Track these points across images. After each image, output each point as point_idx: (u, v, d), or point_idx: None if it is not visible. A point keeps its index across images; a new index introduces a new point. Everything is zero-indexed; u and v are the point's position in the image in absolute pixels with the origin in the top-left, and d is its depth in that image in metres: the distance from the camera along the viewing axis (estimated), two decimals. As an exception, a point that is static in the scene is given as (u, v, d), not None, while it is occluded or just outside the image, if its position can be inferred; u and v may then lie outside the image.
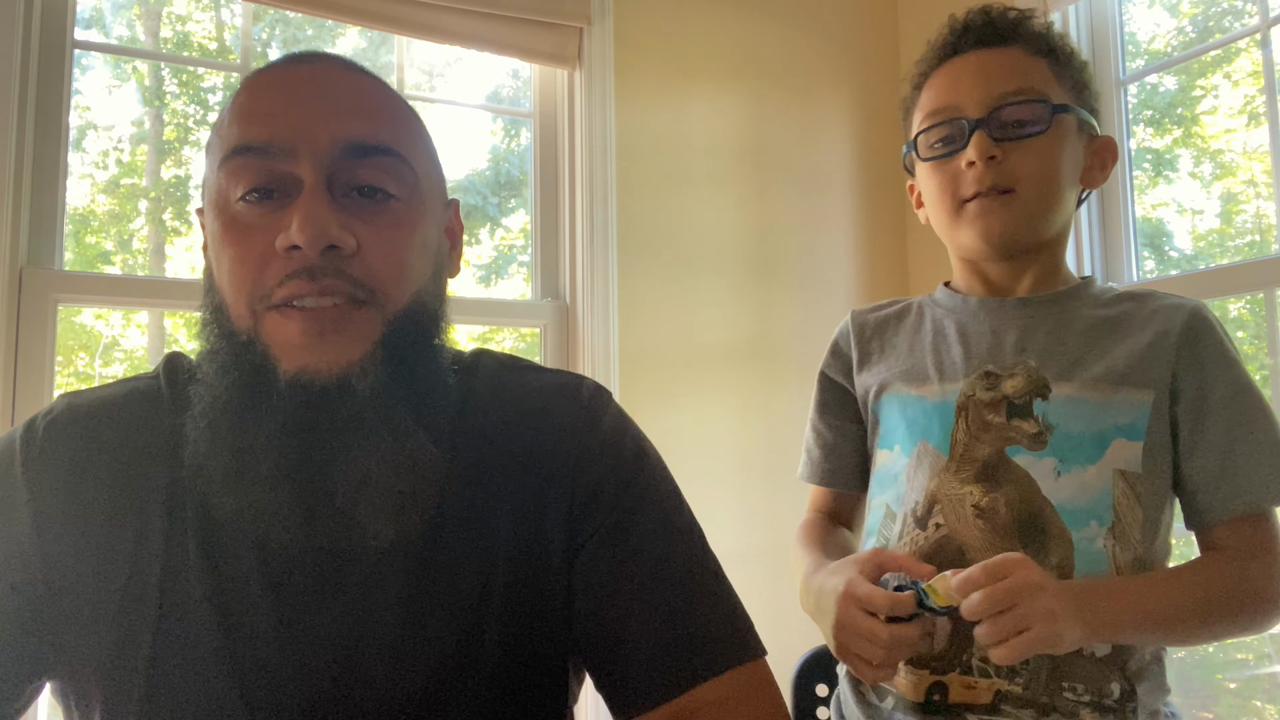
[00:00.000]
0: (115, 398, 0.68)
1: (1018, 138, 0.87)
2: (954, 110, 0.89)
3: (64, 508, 0.63)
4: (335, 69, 0.65)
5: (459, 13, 1.86)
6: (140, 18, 1.90)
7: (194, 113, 2.09)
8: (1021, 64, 0.89)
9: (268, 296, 0.60)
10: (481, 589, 0.66)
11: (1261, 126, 1.72)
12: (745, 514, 2.04)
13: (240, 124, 0.62)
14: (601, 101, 1.96)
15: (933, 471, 0.88)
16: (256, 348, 0.60)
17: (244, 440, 0.60)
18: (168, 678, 0.61)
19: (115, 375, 2.13)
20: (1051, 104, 0.87)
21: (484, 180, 2.18)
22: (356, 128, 0.62)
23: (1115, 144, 0.95)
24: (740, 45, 2.17)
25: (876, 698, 0.92)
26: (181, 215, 2.03)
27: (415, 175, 0.65)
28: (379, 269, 0.62)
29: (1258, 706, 1.78)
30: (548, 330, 1.98)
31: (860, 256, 2.26)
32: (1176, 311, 0.87)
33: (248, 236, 0.61)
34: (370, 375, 0.61)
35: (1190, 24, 1.90)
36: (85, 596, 0.62)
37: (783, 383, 2.11)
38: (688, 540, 0.72)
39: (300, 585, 0.63)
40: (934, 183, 0.92)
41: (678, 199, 2.06)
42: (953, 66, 0.92)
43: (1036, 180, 0.87)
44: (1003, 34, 0.91)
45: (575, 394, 0.74)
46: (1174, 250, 1.93)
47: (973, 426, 0.85)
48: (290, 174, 0.61)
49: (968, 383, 0.88)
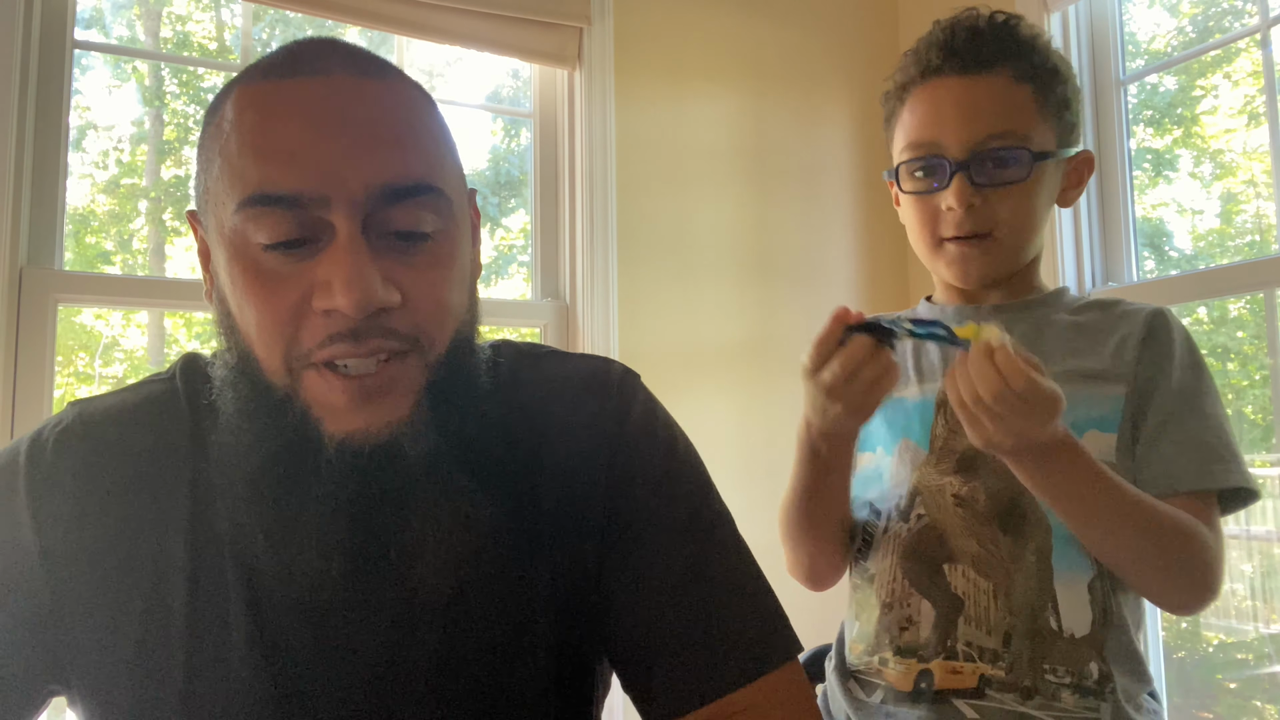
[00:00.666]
0: (129, 405, 0.65)
1: (998, 183, 0.89)
2: (936, 146, 0.91)
3: (73, 525, 0.60)
4: (353, 79, 0.57)
5: (459, 13, 1.86)
6: (140, 18, 1.90)
7: (194, 113, 2.09)
8: (1004, 97, 0.89)
9: (305, 356, 0.56)
10: (521, 609, 0.64)
11: (1261, 126, 1.72)
12: (745, 513, 2.03)
13: (258, 163, 0.55)
14: (601, 101, 1.96)
15: (914, 466, 0.92)
16: (295, 405, 0.56)
17: (289, 507, 0.56)
18: (203, 701, 0.59)
19: (115, 375, 2.13)
20: (1032, 154, 0.89)
21: (484, 180, 2.18)
22: (390, 165, 0.56)
23: (1092, 157, 0.97)
24: (740, 45, 2.17)
25: (864, 692, 0.93)
26: (181, 215, 2.03)
27: (450, 202, 0.60)
28: (423, 318, 0.57)
29: (1258, 706, 1.79)
30: (548, 330, 1.98)
31: (860, 256, 2.26)
32: (1139, 314, 0.92)
33: (277, 289, 0.55)
34: (420, 433, 0.57)
35: (1190, 24, 1.90)
36: (101, 615, 0.59)
37: (783, 382, 2.11)
38: (720, 535, 0.69)
39: (336, 616, 0.61)
40: (915, 215, 0.96)
41: (678, 199, 2.06)
42: (935, 92, 0.93)
43: (1013, 227, 0.90)
44: (988, 59, 0.90)
45: (603, 383, 0.70)
46: (1174, 250, 1.93)
47: (951, 420, 0.87)
48: (322, 220, 0.55)
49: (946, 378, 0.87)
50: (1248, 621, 1.77)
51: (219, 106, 0.59)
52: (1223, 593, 0.85)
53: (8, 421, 1.50)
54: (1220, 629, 1.82)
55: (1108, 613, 0.86)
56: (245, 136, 0.55)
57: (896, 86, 0.98)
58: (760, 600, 0.68)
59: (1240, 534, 1.78)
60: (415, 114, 0.60)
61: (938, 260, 0.96)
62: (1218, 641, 1.84)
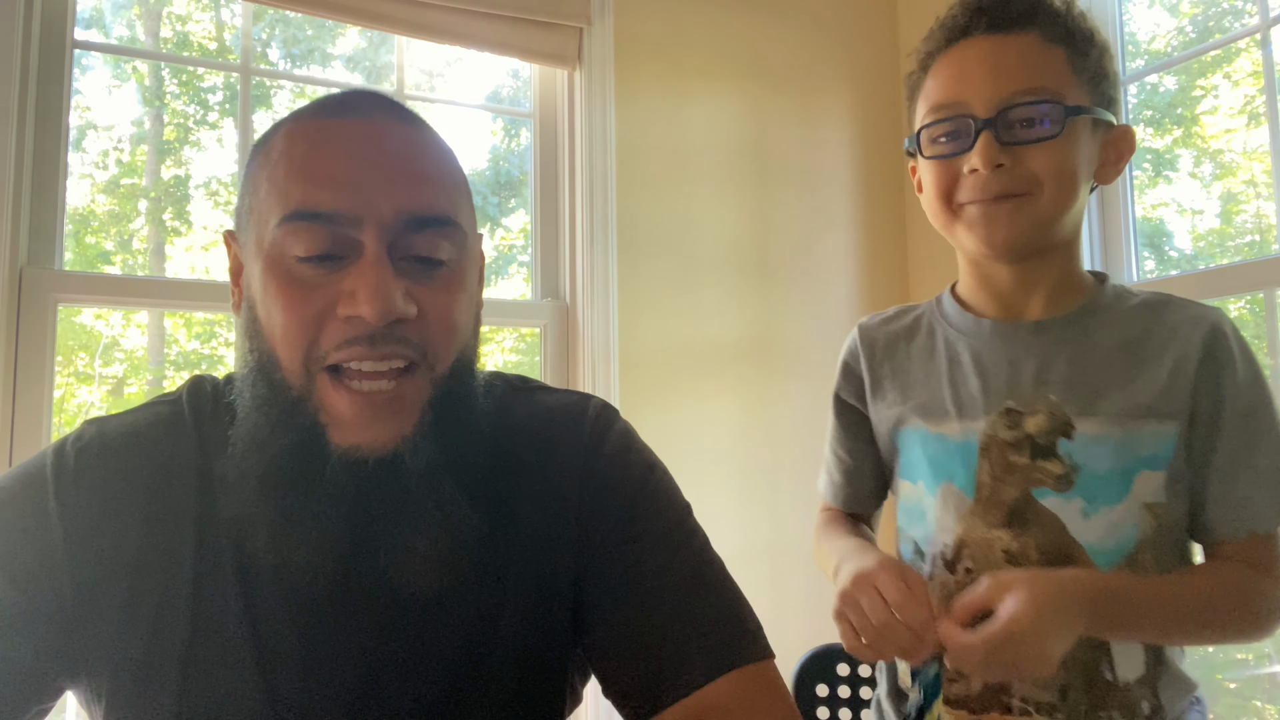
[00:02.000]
0: (141, 425, 0.70)
1: (1028, 141, 0.82)
2: (961, 106, 0.84)
3: (93, 527, 0.65)
4: (392, 122, 0.66)
5: (459, 13, 1.86)
6: (140, 18, 1.90)
7: (194, 113, 2.09)
8: (1035, 56, 0.83)
9: (323, 358, 0.62)
10: (492, 606, 0.69)
11: (1261, 126, 1.72)
12: (745, 513, 2.04)
13: (303, 185, 0.62)
14: (601, 101, 1.96)
15: (959, 514, 0.86)
16: (308, 408, 0.62)
17: (293, 504, 0.62)
18: (199, 694, 0.63)
19: (115, 375, 2.13)
20: (1065, 106, 0.81)
21: (484, 180, 2.18)
22: (419, 197, 0.64)
23: (1133, 134, 0.89)
24: (740, 45, 2.17)
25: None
26: (181, 215, 2.03)
27: (465, 238, 0.67)
28: (433, 334, 0.64)
29: (1258, 706, 1.78)
30: (548, 330, 1.98)
31: (860, 256, 2.26)
32: (1195, 329, 0.85)
33: (305, 296, 0.62)
34: (420, 449, 0.63)
35: (1190, 24, 1.90)
36: (115, 612, 0.64)
37: (783, 382, 2.11)
38: (691, 547, 0.73)
39: (321, 614, 0.66)
40: (933, 181, 0.88)
41: (678, 199, 2.06)
42: (962, 52, 0.86)
43: (1051, 184, 0.82)
44: (1017, 17, 0.84)
45: (581, 415, 0.76)
46: (1174, 250, 1.93)
47: (996, 468, 0.83)
48: (353, 239, 0.62)
49: (989, 421, 0.85)
50: (1248, 621, 1.77)
51: (269, 139, 0.67)
52: None
53: (8, 421, 1.50)
54: (1220, 629, 1.82)
55: (1159, 655, 0.84)
56: (294, 163, 0.63)
57: (922, 57, 0.91)
58: (732, 604, 0.72)
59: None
60: (443, 159, 0.68)
61: (957, 226, 0.87)
62: (1218, 641, 1.84)
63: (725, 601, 0.71)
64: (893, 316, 1.02)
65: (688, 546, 0.73)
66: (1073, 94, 0.83)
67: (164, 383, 2.20)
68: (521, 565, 0.70)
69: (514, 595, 0.70)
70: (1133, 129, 0.90)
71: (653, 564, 0.71)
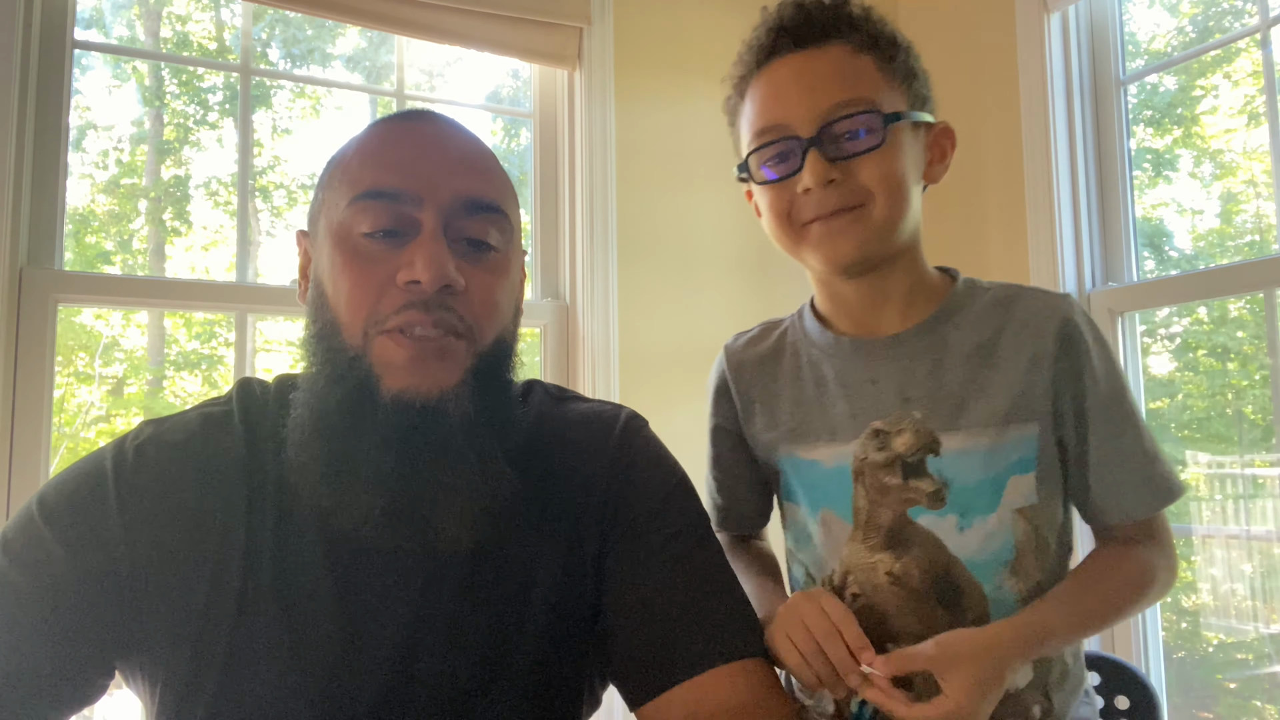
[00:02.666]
0: (194, 424, 0.75)
1: (854, 154, 0.82)
2: (784, 129, 0.84)
3: (151, 520, 0.70)
4: (453, 126, 0.75)
5: (459, 13, 1.86)
6: (140, 18, 1.90)
7: (194, 113, 2.09)
8: (845, 67, 0.84)
9: (382, 321, 0.68)
10: (523, 593, 0.74)
11: (1261, 126, 1.72)
12: (745, 514, 2.03)
13: (372, 169, 0.71)
14: (601, 101, 1.96)
15: (840, 541, 0.86)
16: (363, 364, 0.68)
17: (346, 445, 0.68)
18: (240, 673, 0.68)
19: (115, 375, 2.13)
20: (883, 114, 0.82)
21: (484, 180, 2.18)
22: (473, 185, 0.72)
23: (952, 131, 0.91)
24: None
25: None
26: (181, 215, 2.03)
27: (512, 230, 0.75)
28: (478, 309, 0.70)
29: (1258, 706, 1.79)
30: (548, 330, 1.98)
31: (860, 256, 2.26)
32: (1048, 322, 0.85)
33: (370, 267, 0.69)
34: (462, 401, 0.69)
35: (1190, 24, 1.90)
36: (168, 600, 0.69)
37: (783, 383, 2.11)
38: (708, 549, 0.79)
39: (365, 588, 0.70)
40: (772, 206, 0.87)
41: (678, 199, 2.06)
42: (775, 74, 0.87)
43: (883, 192, 0.83)
44: (821, 31, 0.85)
45: (611, 423, 0.82)
46: (1174, 250, 1.93)
47: (871, 491, 0.83)
48: (413, 217, 0.69)
49: (859, 444, 0.85)
50: (1248, 621, 1.77)
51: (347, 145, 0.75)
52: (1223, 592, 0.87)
53: (8, 420, 1.50)
54: (1220, 629, 1.82)
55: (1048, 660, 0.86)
56: (366, 155, 0.72)
57: (736, 81, 0.92)
58: (740, 602, 0.77)
59: (1240, 534, 1.78)
60: (496, 163, 0.77)
61: (803, 247, 0.87)
62: (1218, 641, 1.84)
63: (736, 599, 0.76)
64: (758, 336, 1.02)
65: (704, 548, 0.78)
66: (888, 99, 0.84)
67: (164, 383, 2.20)
68: (551, 552, 0.75)
69: (543, 579, 0.74)
70: (951, 127, 0.91)
71: (671, 554, 0.76)
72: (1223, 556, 1.79)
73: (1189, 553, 1.87)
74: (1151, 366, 1.93)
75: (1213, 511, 1.82)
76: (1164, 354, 1.97)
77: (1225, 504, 1.80)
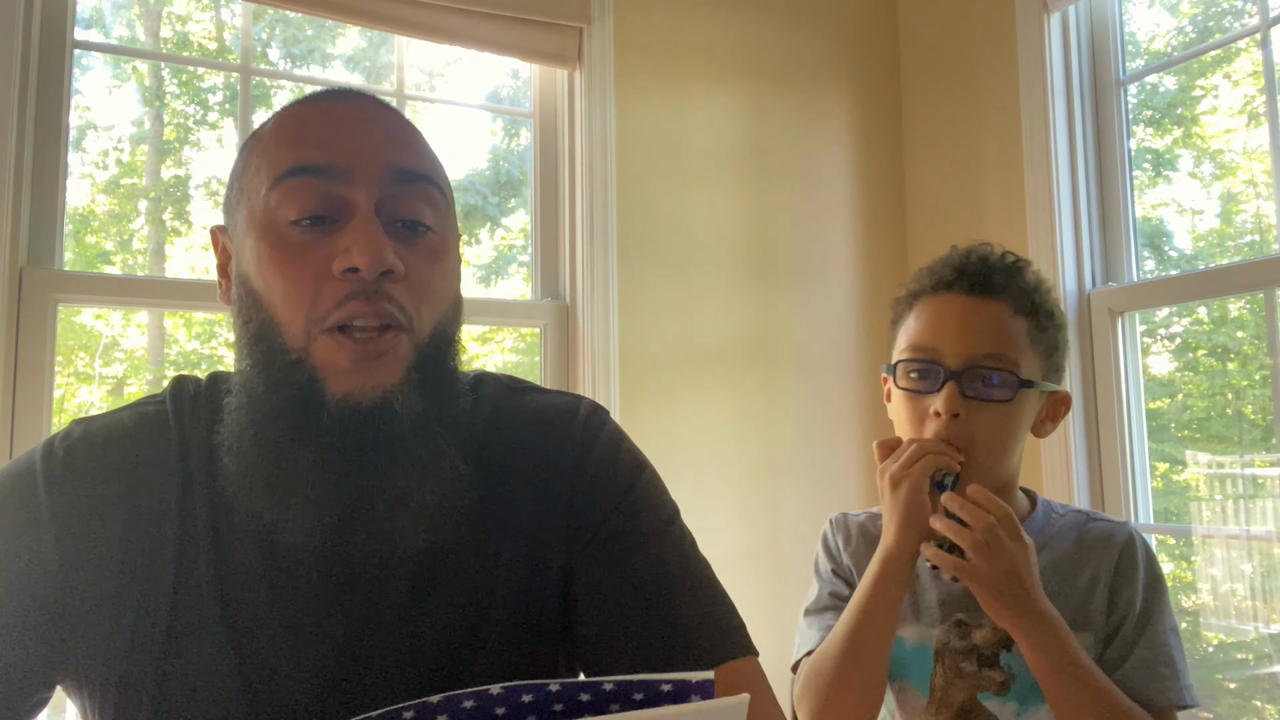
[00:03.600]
0: (128, 424, 0.71)
1: (983, 399, 0.96)
2: (934, 353, 0.98)
3: (82, 526, 0.66)
4: (375, 102, 0.70)
5: (459, 13, 1.86)
6: (140, 18, 1.90)
7: (194, 113, 2.09)
8: (1002, 324, 0.97)
9: (324, 318, 0.63)
10: (482, 598, 0.70)
11: (1261, 126, 1.72)
12: (745, 513, 2.04)
13: (293, 147, 0.65)
14: (601, 101, 1.96)
15: (913, 711, 0.99)
16: (305, 367, 0.63)
17: (290, 456, 0.63)
18: (178, 681, 0.64)
19: (115, 375, 2.13)
20: (1019, 379, 0.96)
21: (484, 180, 2.18)
22: (404, 156, 0.67)
23: (1070, 398, 1.04)
24: (740, 45, 2.17)
25: None
26: (181, 215, 2.03)
27: (448, 205, 0.70)
28: (417, 296, 0.66)
29: (1258, 706, 1.79)
30: (548, 330, 1.98)
31: (860, 256, 2.26)
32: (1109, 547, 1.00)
33: (301, 259, 0.63)
34: (408, 397, 0.64)
35: (1190, 24, 1.90)
36: (101, 608, 0.65)
37: (782, 382, 2.11)
38: (680, 548, 0.75)
39: (307, 592, 0.66)
40: (905, 411, 1.01)
41: (678, 198, 2.06)
42: (943, 303, 1.00)
43: (989, 445, 0.96)
44: (992, 286, 0.98)
45: (572, 415, 0.77)
46: (1174, 250, 1.93)
47: (949, 673, 0.95)
48: (344, 197, 0.64)
49: (943, 629, 0.97)
50: (1248, 621, 1.77)
51: (260, 128, 0.70)
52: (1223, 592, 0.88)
53: (8, 420, 1.50)
54: (1220, 629, 1.82)
55: None
56: (283, 134, 0.67)
57: (908, 294, 1.05)
58: (720, 602, 0.73)
59: (1240, 534, 1.78)
60: (424, 139, 0.72)
61: None
62: (1218, 641, 1.84)
63: (710, 600, 0.72)
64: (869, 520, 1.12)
65: (676, 547, 0.74)
66: (1027, 363, 0.98)
67: (164, 383, 2.20)
68: (511, 552, 0.71)
69: (503, 580, 0.70)
70: (1070, 395, 1.05)
71: (639, 561, 0.71)
72: (1223, 556, 1.79)
73: (1189, 553, 1.87)
74: (1151, 366, 1.93)
75: (1213, 511, 1.82)
76: (1164, 354, 1.97)
77: (1225, 504, 1.80)
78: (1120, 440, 1.83)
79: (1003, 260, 1.01)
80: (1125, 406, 1.84)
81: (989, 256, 1.01)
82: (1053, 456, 1.89)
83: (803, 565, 2.02)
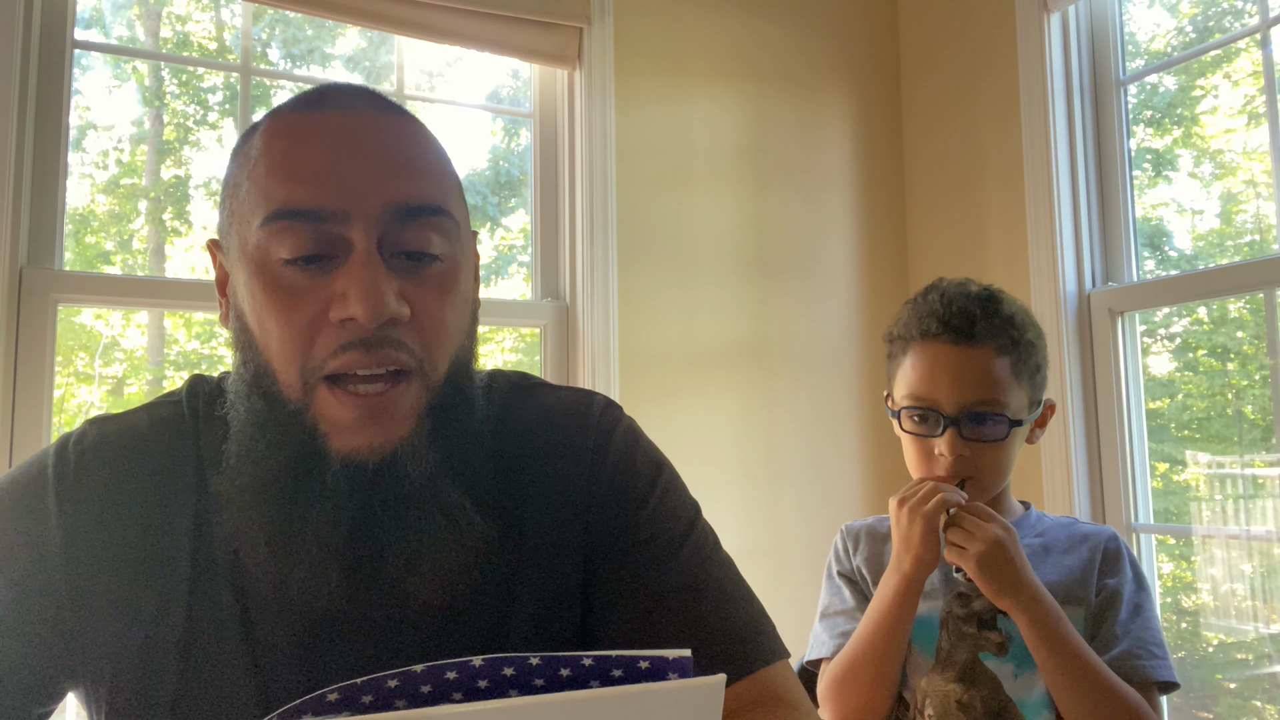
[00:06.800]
0: (143, 426, 0.68)
1: (980, 439, 1.09)
2: (932, 402, 1.09)
3: (93, 534, 0.64)
4: (373, 114, 0.63)
5: (459, 13, 1.86)
6: (140, 18, 1.90)
7: (194, 113, 2.09)
8: (988, 369, 1.09)
9: (319, 368, 0.59)
10: (500, 619, 0.67)
11: (1261, 126, 1.72)
12: (746, 513, 2.04)
13: (284, 182, 0.59)
14: (601, 101, 1.96)
15: (920, 671, 1.09)
16: (306, 419, 0.60)
17: (294, 514, 0.60)
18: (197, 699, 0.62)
19: (115, 375, 2.13)
20: (1009, 420, 1.09)
21: (484, 180, 2.18)
22: (405, 188, 0.61)
23: (1054, 405, 1.17)
24: (740, 45, 2.17)
25: None
26: (181, 215, 2.03)
27: (457, 227, 0.65)
28: (428, 337, 0.61)
29: (1258, 706, 1.79)
30: (548, 330, 1.98)
31: (860, 255, 2.26)
32: (1097, 540, 1.12)
33: (296, 303, 0.59)
34: (419, 452, 0.61)
35: (1190, 24, 1.90)
36: (111, 618, 0.63)
37: (782, 381, 2.11)
38: (708, 549, 0.72)
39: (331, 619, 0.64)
40: (915, 451, 1.13)
41: (678, 198, 2.06)
42: (933, 352, 1.11)
43: (991, 472, 1.10)
44: (975, 335, 1.09)
45: (585, 415, 0.74)
46: (1174, 250, 1.93)
47: (952, 636, 1.08)
48: (340, 237, 0.59)
49: (946, 600, 1.09)
50: (1248, 621, 1.77)
51: (249, 137, 0.64)
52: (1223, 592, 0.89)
53: (8, 420, 1.50)
54: (1220, 629, 1.82)
55: None
56: (273, 159, 0.60)
57: (899, 336, 1.16)
58: (747, 605, 0.71)
59: (1240, 534, 1.78)
60: (429, 147, 0.65)
61: None
62: (1218, 641, 1.84)
63: (742, 603, 0.70)
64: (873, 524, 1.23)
65: (699, 552, 0.72)
66: (1015, 399, 1.10)
67: (164, 383, 2.20)
68: (530, 575, 0.68)
69: (523, 607, 0.68)
70: (1054, 403, 1.18)
71: (663, 573, 0.69)
72: (1223, 556, 1.79)
73: (1189, 553, 1.87)
74: (1151, 366, 1.93)
75: (1213, 511, 1.82)
76: (1164, 354, 1.97)
77: (1225, 504, 1.80)
78: (1120, 440, 1.83)
79: (981, 302, 1.11)
80: (1125, 406, 1.84)
81: (968, 307, 1.10)
82: (1053, 457, 1.89)
83: (803, 564, 2.02)
